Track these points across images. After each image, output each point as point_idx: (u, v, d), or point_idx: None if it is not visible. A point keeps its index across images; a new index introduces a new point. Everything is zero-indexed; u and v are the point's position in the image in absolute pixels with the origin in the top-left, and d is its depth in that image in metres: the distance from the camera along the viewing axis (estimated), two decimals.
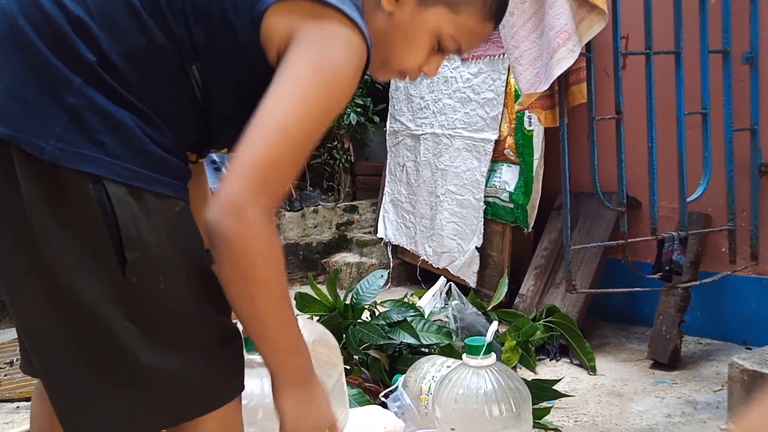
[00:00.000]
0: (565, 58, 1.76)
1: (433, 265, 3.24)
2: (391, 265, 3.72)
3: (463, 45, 0.91)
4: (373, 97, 4.35)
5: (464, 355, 1.42)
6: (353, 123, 4.19)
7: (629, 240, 1.93)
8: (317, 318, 2.13)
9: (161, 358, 0.75)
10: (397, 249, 3.78)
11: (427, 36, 0.89)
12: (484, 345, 1.39)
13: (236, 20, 0.78)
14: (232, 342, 0.84)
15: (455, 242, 3.06)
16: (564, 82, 1.90)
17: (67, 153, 0.70)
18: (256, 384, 1.06)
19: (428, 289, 2.51)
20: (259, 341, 0.78)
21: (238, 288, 0.75)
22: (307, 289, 2.31)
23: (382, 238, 3.87)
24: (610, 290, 2.17)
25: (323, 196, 4.36)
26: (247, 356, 1.00)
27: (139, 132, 0.74)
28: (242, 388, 0.85)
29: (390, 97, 3.89)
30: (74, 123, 0.71)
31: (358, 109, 4.23)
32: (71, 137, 0.70)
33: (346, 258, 3.90)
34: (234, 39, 0.79)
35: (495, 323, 1.46)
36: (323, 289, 2.21)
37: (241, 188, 0.72)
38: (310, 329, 1.16)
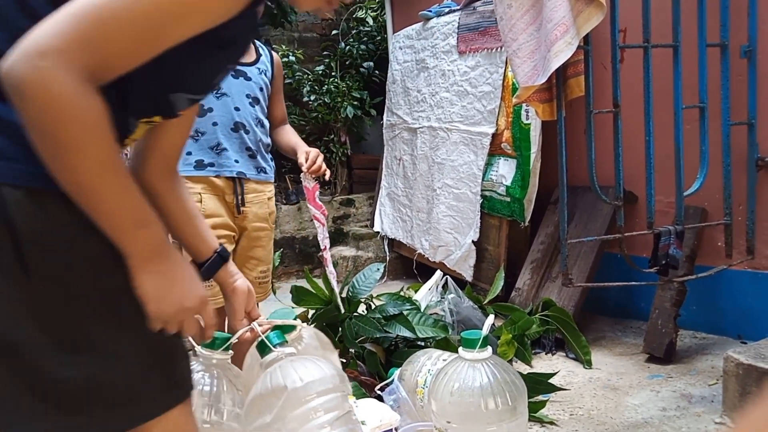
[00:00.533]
0: (563, 51, 1.75)
1: (430, 258, 3.24)
2: (388, 258, 3.71)
3: None
4: (370, 90, 4.34)
5: (460, 349, 1.42)
6: (350, 116, 4.18)
7: (626, 234, 1.93)
8: (313, 311, 2.13)
9: (78, 371, 0.69)
10: (393, 243, 3.78)
11: None
12: (480, 338, 1.38)
13: None
14: (160, 345, 0.77)
15: (452, 236, 3.05)
16: (562, 74, 1.90)
17: None
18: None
19: (424, 282, 2.50)
20: (95, 215, 0.68)
21: (49, 155, 0.64)
22: (303, 283, 2.31)
23: (378, 232, 3.86)
24: (606, 284, 2.17)
25: (320, 190, 4.35)
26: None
27: None
28: (183, 396, 0.79)
29: (387, 90, 3.87)
30: None
31: (355, 103, 4.22)
32: None
33: (342, 251, 3.90)
34: None
35: (491, 317, 1.45)
36: (319, 282, 2.21)
37: (54, 34, 0.60)
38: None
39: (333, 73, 4.36)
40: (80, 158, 0.64)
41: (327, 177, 1.91)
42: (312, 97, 4.25)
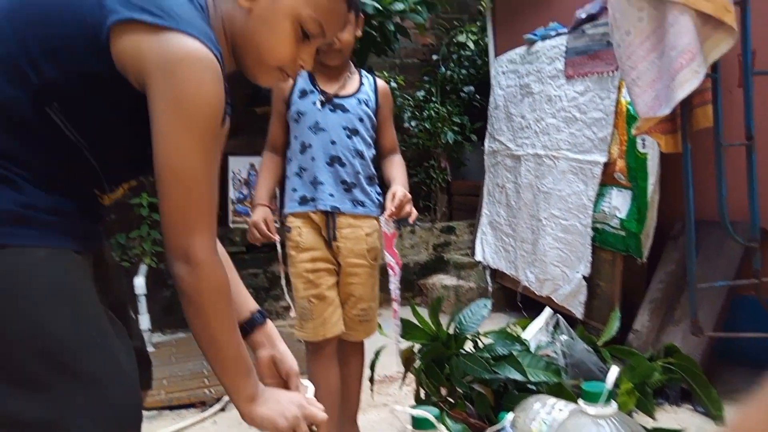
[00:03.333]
0: (689, 80, 1.63)
1: (536, 292, 3.12)
2: (490, 289, 3.62)
3: (326, 26, 0.93)
4: (470, 115, 4.29)
5: (581, 401, 1.33)
6: (450, 142, 4.16)
7: (763, 279, 1.74)
8: (419, 347, 2.10)
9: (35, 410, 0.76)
10: (495, 273, 3.68)
11: (288, 23, 0.91)
12: (604, 392, 1.29)
13: (84, 51, 0.79)
14: (100, 398, 0.81)
15: (559, 269, 2.92)
16: (687, 104, 1.76)
17: None
18: None
19: (529, 316, 2.40)
20: (217, 364, 0.87)
21: (195, 318, 0.85)
22: (406, 312, 2.28)
23: (479, 261, 3.79)
24: (741, 334, 1.97)
25: (419, 216, 4.35)
26: None
27: None
28: None
29: (489, 115, 3.82)
30: None
31: (455, 128, 4.20)
32: None
33: (443, 280, 3.86)
34: (89, 68, 0.80)
35: (615, 368, 1.35)
36: (424, 315, 2.17)
37: (179, 238, 0.82)
38: None
39: (433, 98, 4.37)
40: (218, 319, 0.85)
41: (411, 220, 1.81)
42: (413, 123, 4.28)
